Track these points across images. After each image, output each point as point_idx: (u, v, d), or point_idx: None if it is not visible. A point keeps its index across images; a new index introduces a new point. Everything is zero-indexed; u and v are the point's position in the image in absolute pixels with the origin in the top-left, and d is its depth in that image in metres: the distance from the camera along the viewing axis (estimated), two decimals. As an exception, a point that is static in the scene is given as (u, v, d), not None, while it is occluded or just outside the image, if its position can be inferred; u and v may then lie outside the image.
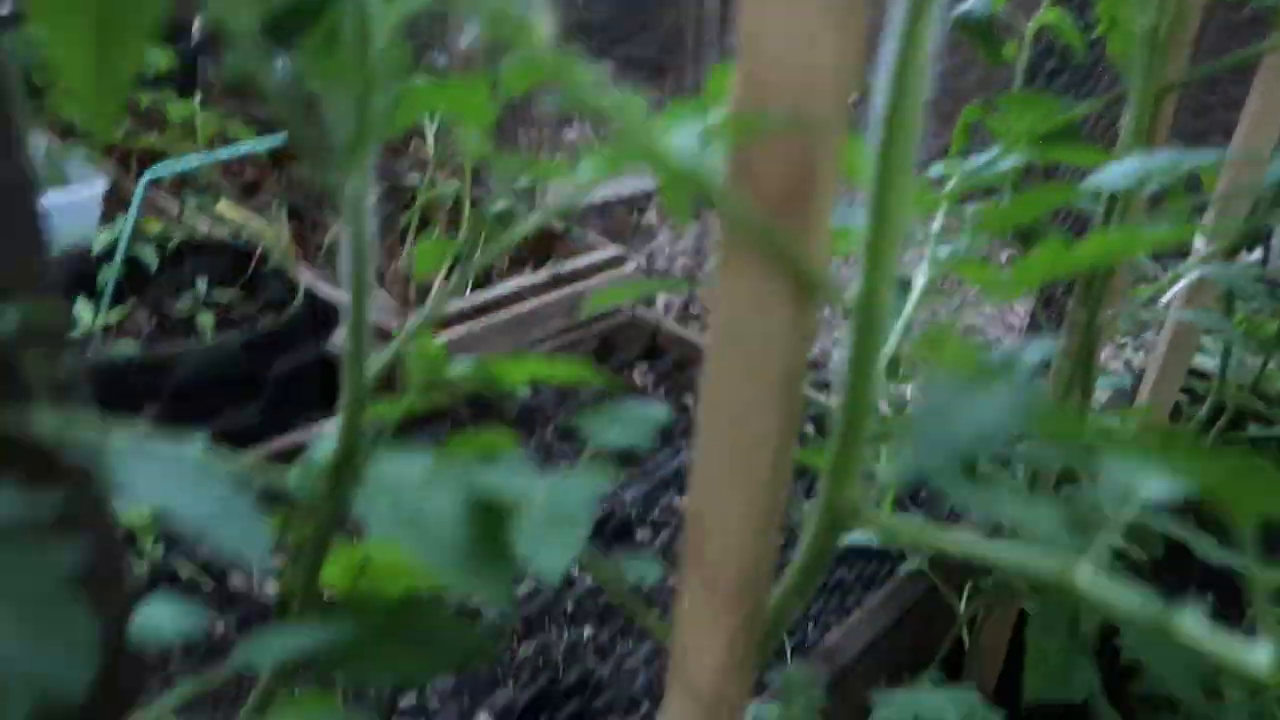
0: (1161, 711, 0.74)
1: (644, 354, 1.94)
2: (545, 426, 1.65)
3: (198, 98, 2.38)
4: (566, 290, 1.93)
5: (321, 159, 0.32)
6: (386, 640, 0.44)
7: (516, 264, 2.16)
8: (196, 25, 3.04)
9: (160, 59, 2.06)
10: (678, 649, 0.43)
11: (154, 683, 0.50)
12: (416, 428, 1.49)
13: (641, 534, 1.40)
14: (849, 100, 0.29)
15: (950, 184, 0.70)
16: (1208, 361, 1.25)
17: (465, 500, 0.36)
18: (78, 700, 0.23)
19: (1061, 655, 0.65)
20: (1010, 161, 0.67)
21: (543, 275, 1.98)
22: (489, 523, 0.35)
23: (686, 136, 0.35)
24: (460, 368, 0.49)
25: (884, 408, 0.75)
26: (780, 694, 0.51)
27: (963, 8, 0.89)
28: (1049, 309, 1.27)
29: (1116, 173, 0.58)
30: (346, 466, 0.40)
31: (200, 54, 2.76)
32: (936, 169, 0.74)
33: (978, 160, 0.71)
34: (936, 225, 0.69)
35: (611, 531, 1.38)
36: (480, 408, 1.62)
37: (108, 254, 1.71)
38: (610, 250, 2.04)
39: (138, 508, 1.16)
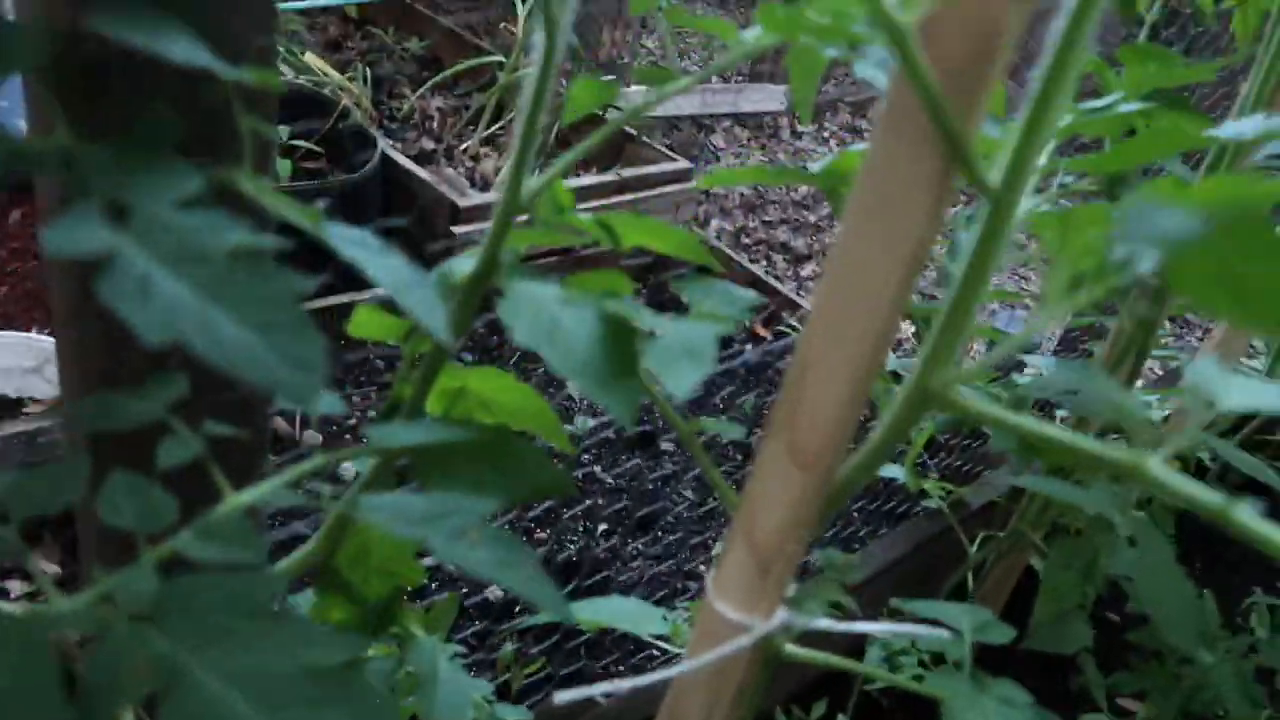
0: (1151, 662, 0.78)
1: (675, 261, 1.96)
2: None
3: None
4: (629, 196, 1.94)
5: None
6: (478, 459, 0.48)
7: (584, 163, 2.18)
8: None
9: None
10: (745, 505, 0.47)
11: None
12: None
13: (665, 444, 1.45)
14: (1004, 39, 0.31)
15: (1065, 120, 0.72)
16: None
17: (599, 320, 0.39)
18: (316, 394, 0.27)
19: (1073, 591, 0.69)
20: (1129, 107, 0.68)
21: (609, 177, 1.99)
22: (620, 343, 0.39)
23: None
24: (584, 216, 0.52)
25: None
26: (817, 572, 0.56)
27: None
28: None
29: (1238, 127, 0.60)
30: (485, 279, 0.44)
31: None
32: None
33: (1095, 103, 0.72)
34: (1043, 159, 0.71)
35: (639, 435, 1.43)
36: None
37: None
38: (677, 163, 2.05)
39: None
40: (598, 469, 1.36)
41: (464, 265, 0.46)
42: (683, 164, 2.04)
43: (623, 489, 1.33)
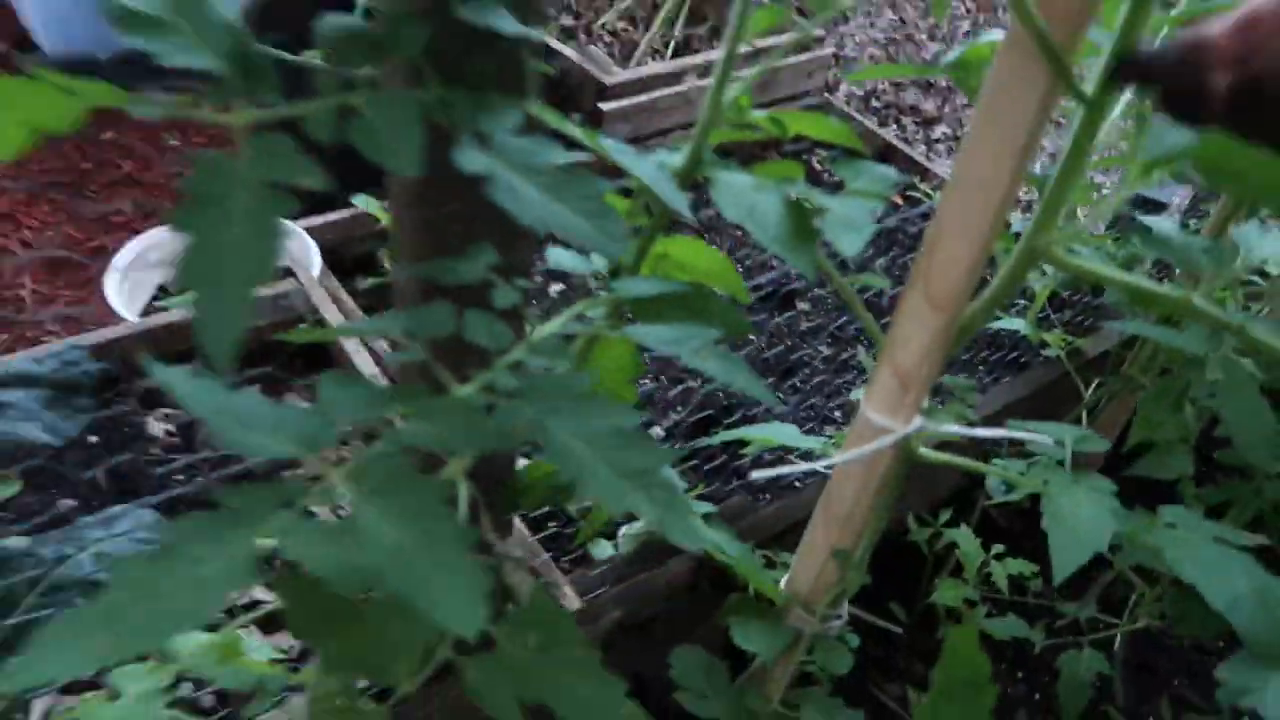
0: (1236, 478, 0.90)
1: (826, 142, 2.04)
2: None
3: None
4: (762, 64, 2.01)
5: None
6: (682, 306, 0.63)
7: (715, 33, 2.24)
8: None
9: None
10: (890, 338, 0.62)
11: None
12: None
13: (801, 305, 1.59)
14: None
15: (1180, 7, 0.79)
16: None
17: (782, 200, 0.54)
18: (623, 251, 0.43)
19: (1167, 421, 0.81)
20: None
21: (744, 49, 2.06)
22: (799, 217, 0.53)
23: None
24: (759, 114, 0.66)
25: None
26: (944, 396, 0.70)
27: None
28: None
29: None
30: (692, 171, 0.58)
31: None
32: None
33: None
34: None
35: (781, 297, 1.58)
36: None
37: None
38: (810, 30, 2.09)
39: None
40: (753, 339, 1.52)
41: (674, 159, 0.60)
42: (816, 31, 2.08)
43: (766, 344, 1.49)
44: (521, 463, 0.78)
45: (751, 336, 1.49)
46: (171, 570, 0.39)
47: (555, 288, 1.59)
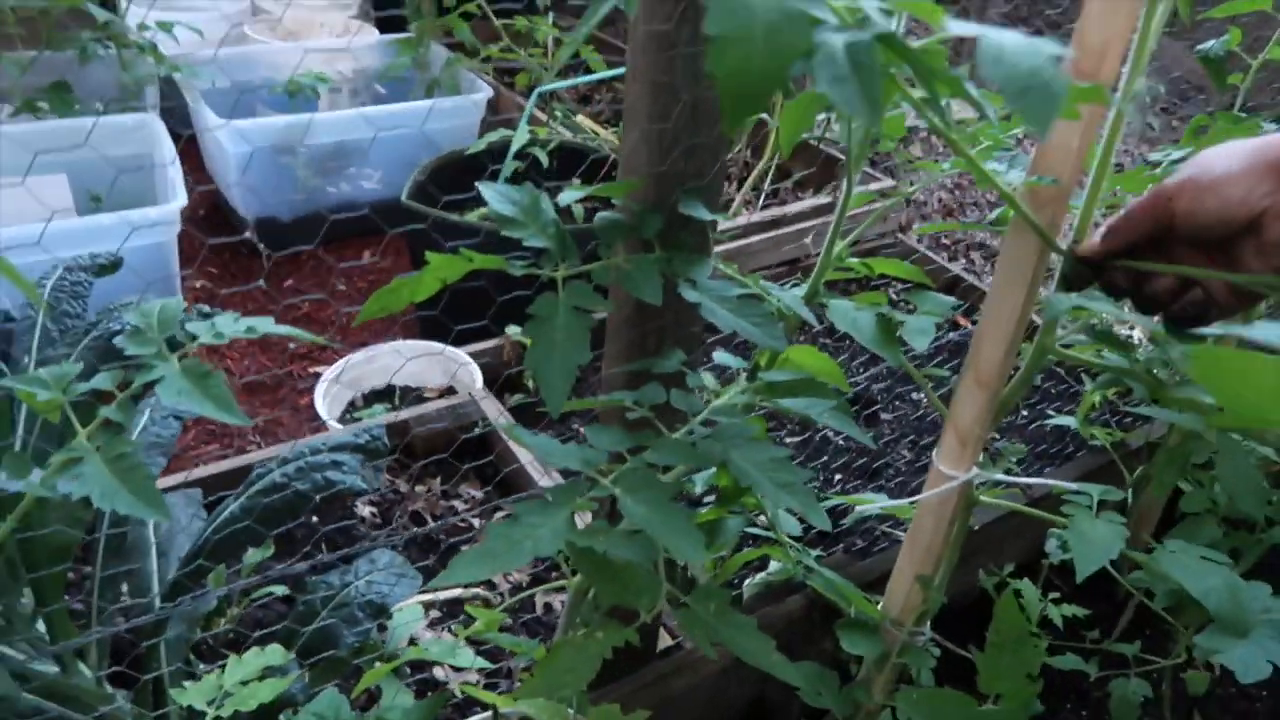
0: (1240, 529, 1.10)
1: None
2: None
3: (551, 17, 2.91)
4: (857, 230, 2.34)
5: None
6: (804, 387, 0.91)
7: (801, 186, 2.59)
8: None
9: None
10: (952, 409, 0.88)
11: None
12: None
13: (885, 415, 1.85)
14: (1075, 182, 0.71)
15: (1159, 169, 1.07)
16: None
17: (875, 318, 0.82)
18: (784, 345, 0.71)
19: (1195, 494, 1.04)
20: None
21: (824, 199, 2.40)
22: (886, 327, 0.81)
23: (1005, 173, 0.78)
24: (854, 260, 0.95)
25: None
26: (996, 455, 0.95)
27: (1204, 45, 1.22)
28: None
29: None
30: (813, 297, 0.87)
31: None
32: (1155, 155, 1.12)
33: (1175, 154, 1.07)
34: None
35: (863, 405, 1.84)
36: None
37: (498, 151, 2.29)
38: (883, 182, 2.42)
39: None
40: (829, 433, 1.77)
41: (800, 290, 0.89)
42: (888, 182, 2.41)
43: (852, 449, 1.74)
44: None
45: (840, 441, 1.75)
46: (519, 529, 0.67)
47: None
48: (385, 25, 3.33)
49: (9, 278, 0.49)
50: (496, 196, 0.72)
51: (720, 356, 0.88)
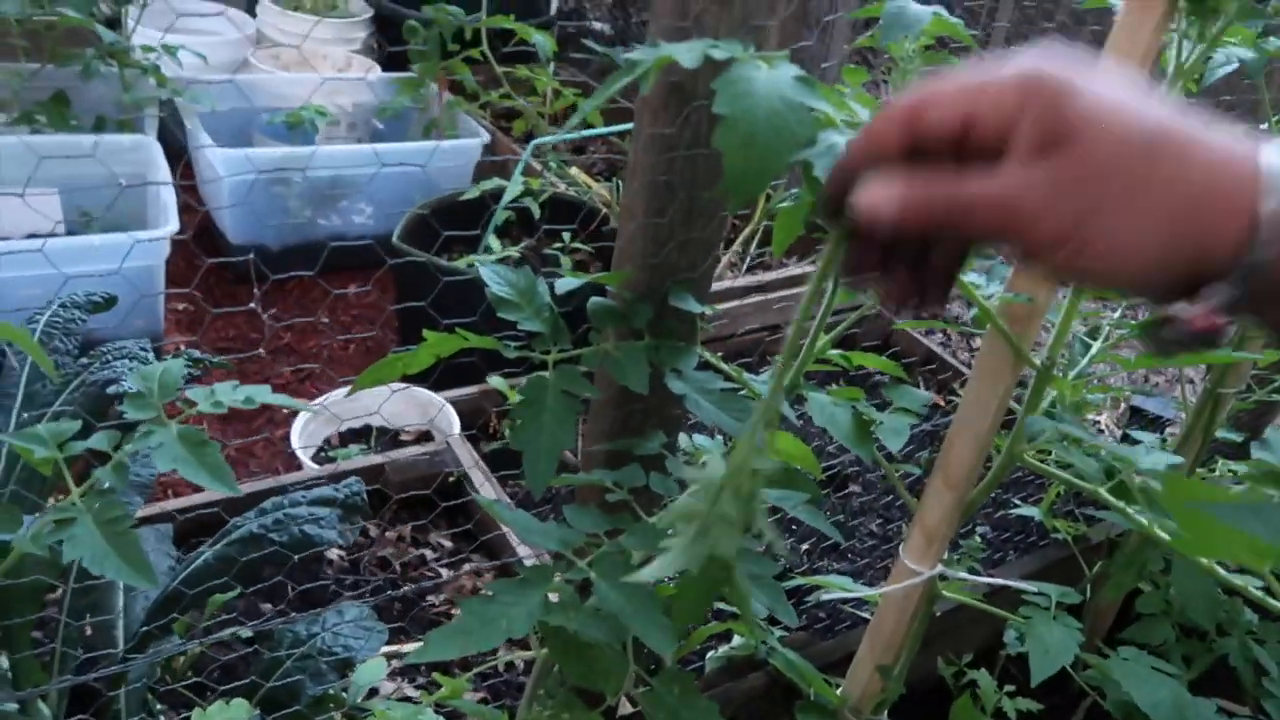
0: (1192, 639, 1.14)
1: (878, 345, 2.37)
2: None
3: (552, 68, 2.95)
4: (841, 325, 2.38)
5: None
6: (782, 477, 0.93)
7: (786, 252, 2.64)
8: (554, 3, 3.66)
9: (549, 43, 2.63)
10: (920, 506, 0.91)
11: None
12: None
13: (854, 486, 1.87)
14: (1049, 302, 0.75)
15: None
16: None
17: (851, 413, 0.85)
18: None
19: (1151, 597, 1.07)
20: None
21: (806, 267, 2.44)
22: (861, 425, 0.84)
23: (985, 286, 0.81)
24: (834, 353, 0.98)
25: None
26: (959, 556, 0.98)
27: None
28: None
29: None
30: (792, 389, 0.90)
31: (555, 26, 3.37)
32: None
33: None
34: (1118, 313, 1.11)
35: (834, 480, 1.86)
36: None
37: (491, 197, 2.32)
38: (866, 256, 2.47)
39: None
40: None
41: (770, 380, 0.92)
42: (870, 256, 2.46)
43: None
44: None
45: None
46: (494, 607, 0.68)
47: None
48: (390, 61, 3.37)
49: (20, 344, 0.51)
50: (494, 277, 0.74)
51: (699, 440, 0.90)
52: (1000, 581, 0.92)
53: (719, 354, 0.90)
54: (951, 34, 0.73)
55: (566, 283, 0.75)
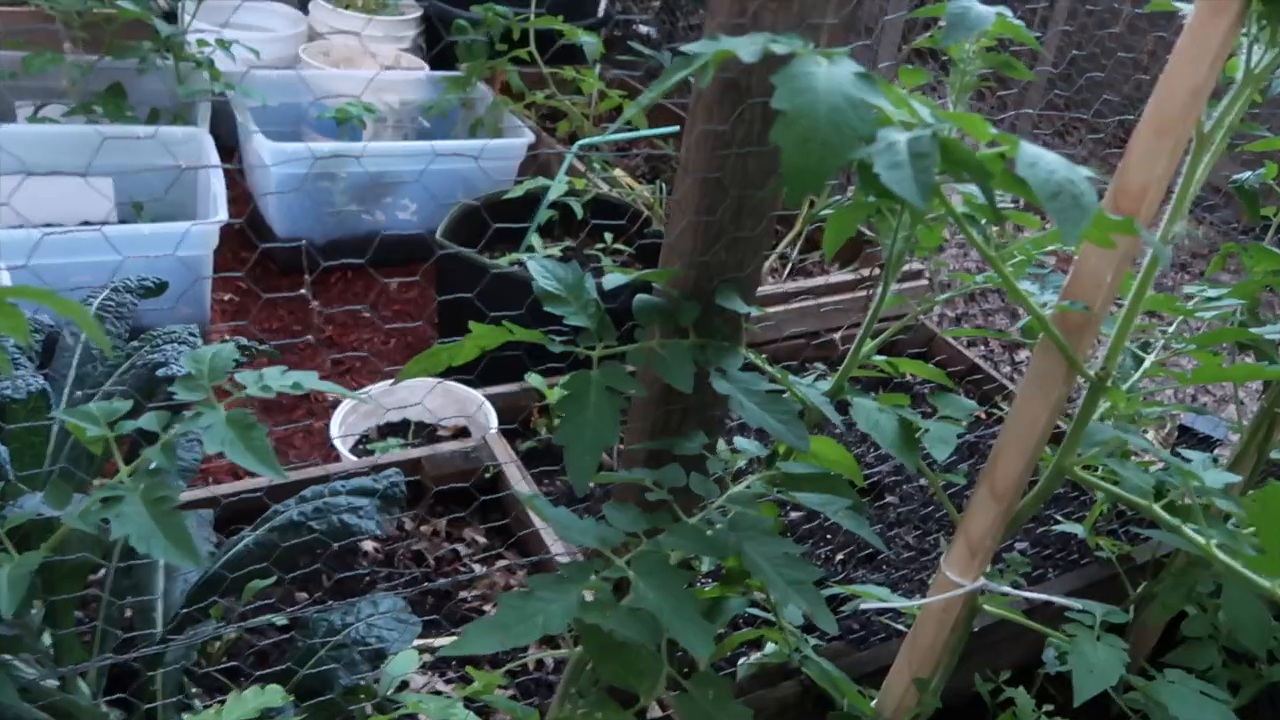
0: (1241, 662, 1.10)
1: (920, 354, 2.34)
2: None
3: (597, 70, 2.96)
4: (863, 292, 2.36)
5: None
6: (821, 481, 0.92)
7: (834, 259, 2.61)
8: (603, 4, 3.67)
9: (597, 44, 2.64)
10: (964, 517, 0.89)
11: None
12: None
13: (890, 497, 1.85)
14: (1106, 311, 0.73)
15: (1192, 302, 1.09)
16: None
17: (897, 419, 0.83)
18: (805, 439, 0.72)
19: (1197, 619, 1.04)
20: (1229, 302, 1.05)
21: (847, 275, 2.42)
22: (907, 431, 0.83)
23: (1039, 294, 0.80)
24: (879, 359, 0.96)
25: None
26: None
27: (1239, 176, 1.25)
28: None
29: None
30: (837, 394, 0.89)
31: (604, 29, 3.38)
32: (1189, 289, 1.13)
33: (1211, 293, 1.09)
34: (1173, 327, 1.09)
35: (873, 489, 1.84)
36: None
37: (535, 196, 2.33)
38: (909, 264, 2.44)
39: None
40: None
41: (824, 385, 0.91)
42: (915, 264, 2.43)
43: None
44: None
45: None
46: (532, 603, 0.68)
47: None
48: (438, 60, 3.40)
49: (78, 320, 0.52)
50: (542, 271, 0.74)
51: (742, 443, 0.89)
52: (1044, 597, 0.90)
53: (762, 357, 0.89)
54: (1015, 36, 0.71)
55: (614, 278, 0.75)
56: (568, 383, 0.72)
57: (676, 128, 2.39)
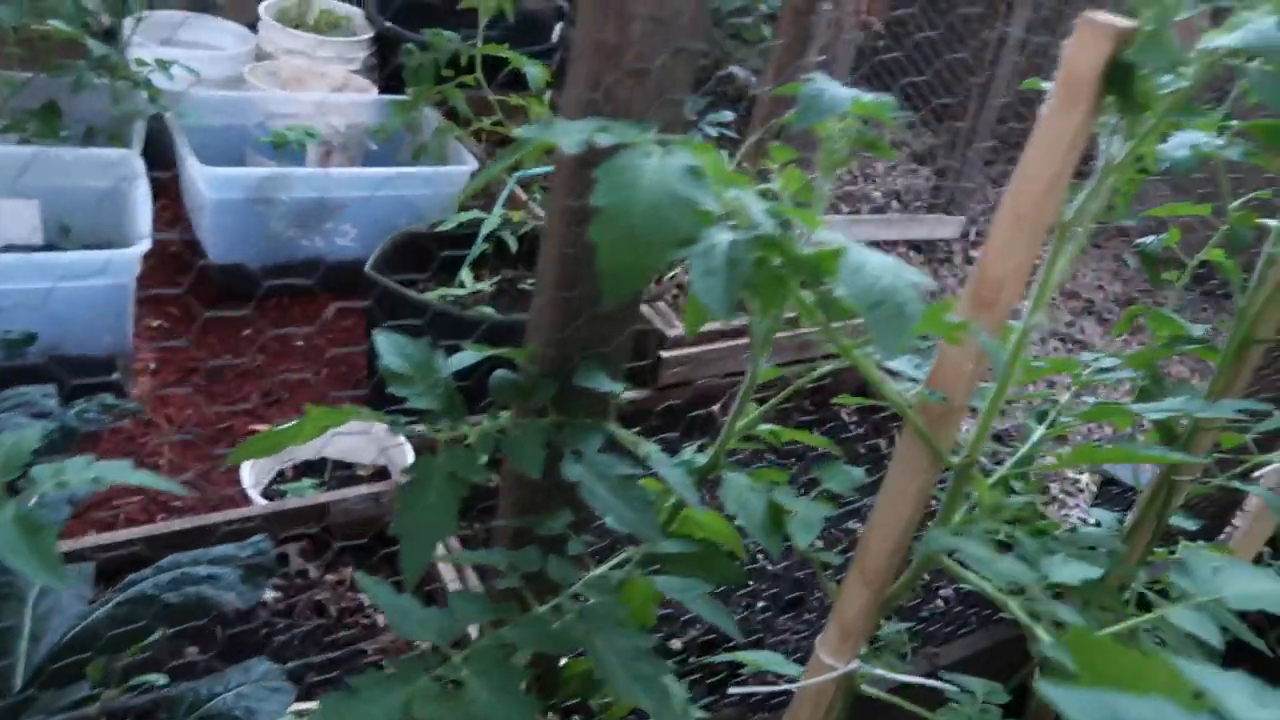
0: None
1: (861, 390, 2.32)
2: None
3: (547, 97, 2.93)
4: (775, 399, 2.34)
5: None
6: (695, 560, 0.90)
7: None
8: (557, 31, 3.65)
9: (541, 73, 2.62)
10: (840, 600, 0.87)
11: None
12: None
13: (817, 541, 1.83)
14: (968, 401, 0.71)
15: (1086, 371, 1.08)
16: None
17: (765, 501, 0.81)
18: (656, 534, 0.70)
19: None
20: (1124, 373, 1.04)
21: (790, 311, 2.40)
22: (775, 513, 0.80)
23: (917, 368, 0.78)
24: (766, 427, 0.94)
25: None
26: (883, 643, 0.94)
27: (1142, 240, 1.24)
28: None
29: (1176, 403, 0.95)
30: (713, 468, 0.86)
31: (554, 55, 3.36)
32: (1087, 356, 1.12)
33: (1105, 363, 1.08)
34: (1067, 396, 1.07)
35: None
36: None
37: (468, 228, 2.30)
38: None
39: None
40: (760, 556, 1.75)
41: (700, 459, 0.88)
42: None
43: (778, 575, 1.72)
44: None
45: (770, 567, 1.73)
46: (354, 706, 0.64)
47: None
48: (389, 83, 3.37)
49: None
50: (389, 348, 0.71)
51: (611, 520, 0.86)
52: (915, 680, 0.88)
53: (681, 400, 0.86)
54: (875, 116, 0.70)
55: (463, 358, 0.72)
56: (411, 467, 0.69)
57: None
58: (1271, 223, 1.01)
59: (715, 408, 1.87)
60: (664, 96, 0.70)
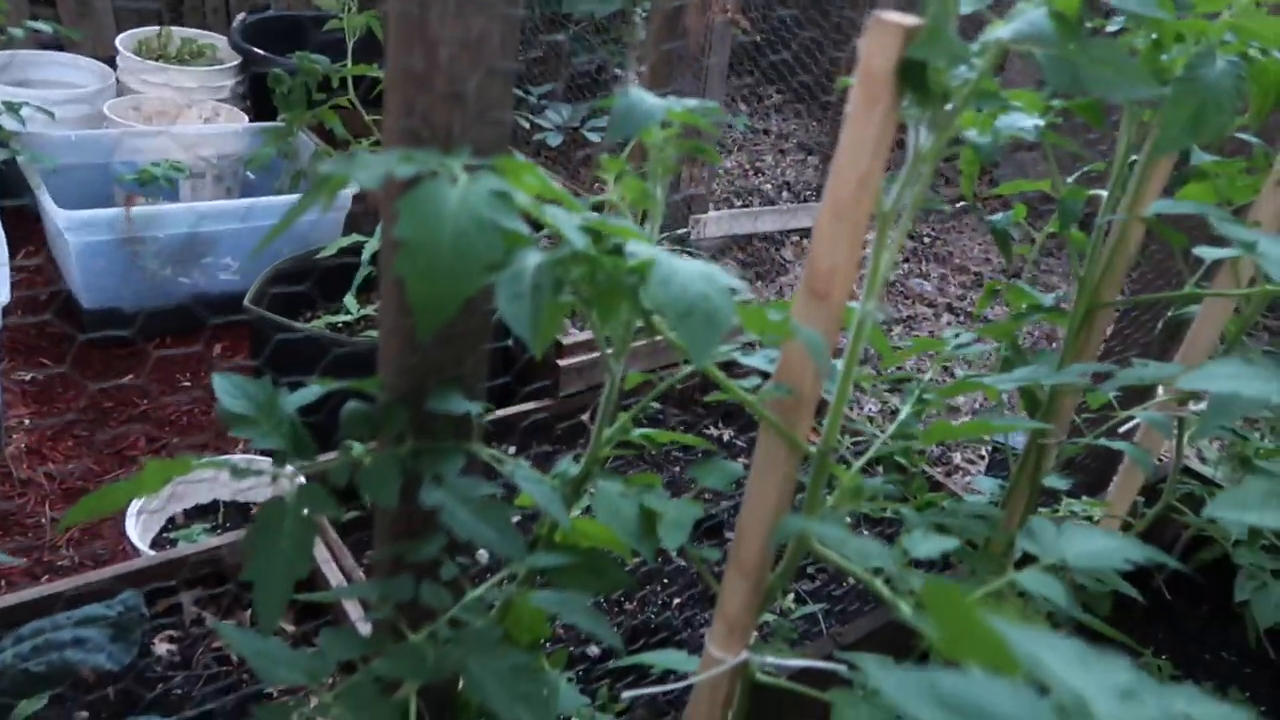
0: None
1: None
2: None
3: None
4: (643, 400, 2.37)
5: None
6: (580, 570, 0.90)
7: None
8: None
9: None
10: (721, 594, 0.88)
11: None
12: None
13: (729, 533, 1.85)
14: (817, 394, 0.73)
15: (949, 347, 1.12)
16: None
17: (638, 507, 0.82)
18: (520, 550, 0.70)
19: None
20: (979, 346, 1.08)
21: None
22: (648, 518, 0.81)
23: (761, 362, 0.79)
24: (636, 432, 0.95)
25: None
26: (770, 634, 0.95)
27: (993, 217, 1.29)
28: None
29: (1027, 373, 0.99)
30: (585, 480, 0.87)
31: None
32: (948, 333, 1.16)
33: (964, 339, 1.12)
34: (929, 375, 1.11)
35: (707, 529, 1.84)
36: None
37: (351, 253, 2.26)
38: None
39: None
40: (681, 562, 1.77)
41: (573, 469, 0.89)
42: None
43: (692, 580, 1.73)
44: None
45: (683, 565, 1.75)
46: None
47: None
48: (261, 110, 3.28)
49: None
50: (226, 390, 0.69)
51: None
52: (803, 664, 0.89)
53: (587, 410, 0.86)
54: (694, 123, 0.71)
55: (305, 394, 0.71)
56: (261, 510, 0.67)
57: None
58: (1103, 193, 1.07)
59: (584, 416, 1.87)
60: (485, 116, 0.69)
